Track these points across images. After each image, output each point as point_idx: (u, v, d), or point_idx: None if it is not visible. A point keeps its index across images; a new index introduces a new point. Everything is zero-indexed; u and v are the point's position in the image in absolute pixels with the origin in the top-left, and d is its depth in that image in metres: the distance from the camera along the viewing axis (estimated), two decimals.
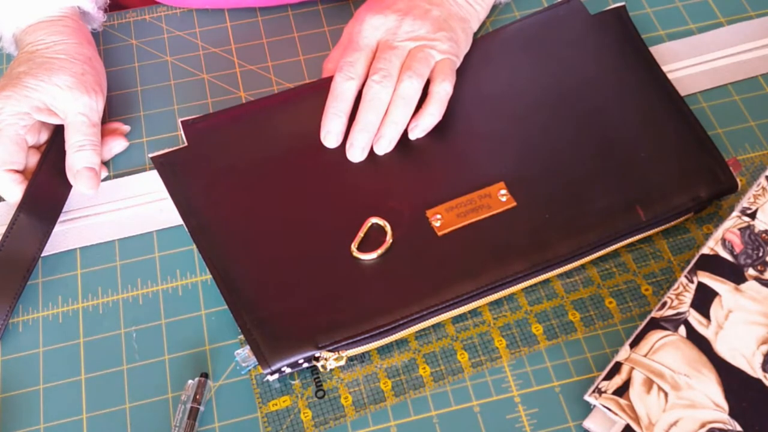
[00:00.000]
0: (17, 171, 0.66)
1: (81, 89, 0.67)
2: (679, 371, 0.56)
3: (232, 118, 0.69)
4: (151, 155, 0.67)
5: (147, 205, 0.68)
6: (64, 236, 0.67)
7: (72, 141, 0.67)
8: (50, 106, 0.66)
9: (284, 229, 0.63)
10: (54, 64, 0.67)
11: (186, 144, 0.67)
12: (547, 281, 0.63)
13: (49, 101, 0.66)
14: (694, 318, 0.58)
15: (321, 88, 0.69)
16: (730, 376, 0.56)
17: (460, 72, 0.70)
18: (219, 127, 0.68)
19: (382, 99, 0.65)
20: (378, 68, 0.66)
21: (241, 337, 0.61)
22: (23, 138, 0.66)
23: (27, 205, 0.65)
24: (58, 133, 0.69)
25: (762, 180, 0.64)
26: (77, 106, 0.67)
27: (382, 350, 0.60)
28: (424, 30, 0.67)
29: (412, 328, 0.60)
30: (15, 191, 0.65)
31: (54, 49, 0.68)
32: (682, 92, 0.71)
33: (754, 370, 0.56)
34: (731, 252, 0.61)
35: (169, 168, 0.66)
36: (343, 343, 0.58)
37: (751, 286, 0.60)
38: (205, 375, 0.59)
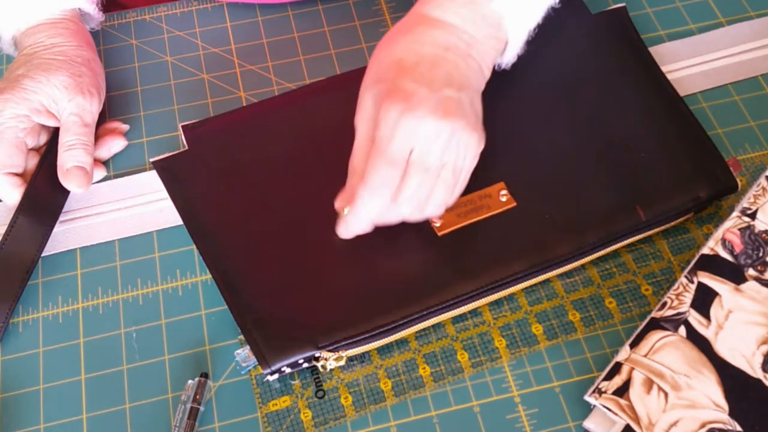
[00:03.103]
0: (16, 174, 0.66)
1: (76, 90, 0.67)
2: (679, 371, 0.56)
3: (232, 121, 0.69)
4: (152, 160, 0.67)
5: (147, 205, 0.68)
6: (64, 236, 0.67)
7: (63, 140, 0.66)
8: (48, 107, 0.66)
9: (284, 230, 0.63)
10: (52, 64, 0.67)
11: (186, 148, 0.68)
12: (547, 281, 0.63)
13: (47, 103, 0.66)
14: (694, 318, 0.58)
15: (320, 91, 0.69)
16: (730, 376, 0.56)
17: None
18: (219, 131, 0.68)
19: (404, 215, 0.60)
20: (407, 197, 0.58)
21: (241, 337, 0.61)
22: (23, 141, 0.66)
23: (26, 207, 0.65)
24: (56, 135, 0.68)
25: (762, 180, 0.64)
26: (70, 107, 0.67)
27: (382, 350, 0.60)
28: (462, 145, 0.58)
29: (412, 328, 0.60)
30: (14, 194, 0.65)
31: (53, 51, 0.68)
32: (682, 92, 0.71)
33: (754, 370, 0.56)
34: (731, 252, 0.61)
35: (170, 172, 0.66)
36: (343, 343, 0.58)
37: (751, 286, 0.59)
38: (205, 375, 0.59)
